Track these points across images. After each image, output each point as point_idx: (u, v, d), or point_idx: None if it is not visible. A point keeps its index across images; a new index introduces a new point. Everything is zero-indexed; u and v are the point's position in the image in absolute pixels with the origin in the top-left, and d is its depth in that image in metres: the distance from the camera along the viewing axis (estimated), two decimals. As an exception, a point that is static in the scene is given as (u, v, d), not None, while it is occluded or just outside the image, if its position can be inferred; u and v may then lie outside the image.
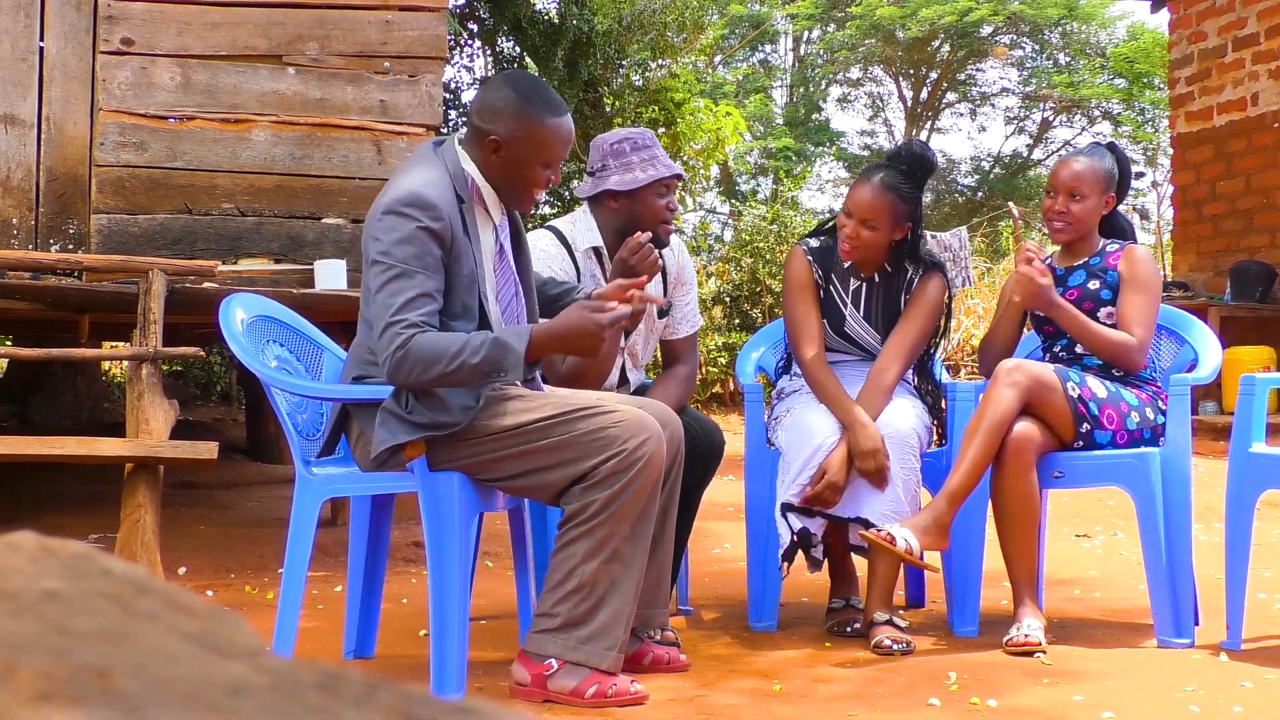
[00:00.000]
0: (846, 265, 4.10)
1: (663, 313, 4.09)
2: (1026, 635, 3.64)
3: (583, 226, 3.95)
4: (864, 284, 4.12)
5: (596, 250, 3.93)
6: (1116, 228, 4.19)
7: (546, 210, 12.28)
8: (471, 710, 0.52)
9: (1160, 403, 3.95)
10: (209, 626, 0.57)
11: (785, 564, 3.91)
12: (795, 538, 3.85)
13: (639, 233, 3.71)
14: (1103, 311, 4.02)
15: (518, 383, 3.13)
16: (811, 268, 4.13)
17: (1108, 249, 4.10)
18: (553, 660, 3.13)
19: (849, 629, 3.89)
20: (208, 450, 4.59)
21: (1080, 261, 4.10)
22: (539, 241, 3.89)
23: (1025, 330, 4.28)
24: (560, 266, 3.86)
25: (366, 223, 3.25)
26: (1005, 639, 3.68)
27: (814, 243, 4.21)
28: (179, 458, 4.59)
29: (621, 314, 3.09)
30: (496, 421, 3.17)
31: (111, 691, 0.45)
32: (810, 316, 4.09)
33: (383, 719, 0.49)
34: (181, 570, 4.91)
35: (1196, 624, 3.86)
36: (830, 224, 4.22)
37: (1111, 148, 4.19)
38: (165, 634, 0.54)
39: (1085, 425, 3.82)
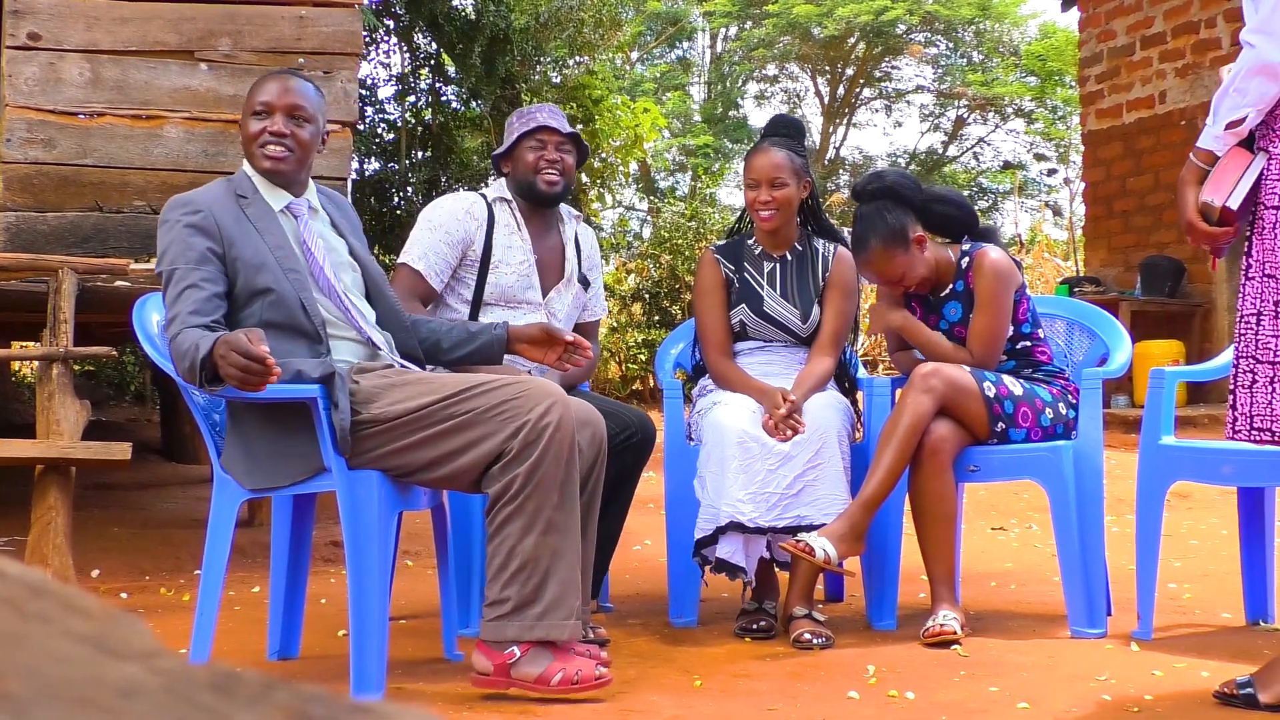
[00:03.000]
0: (758, 251, 4.24)
1: (585, 283, 4.25)
2: (942, 625, 3.68)
3: (495, 186, 4.23)
4: (777, 264, 4.24)
5: (506, 201, 4.18)
6: (952, 225, 4.14)
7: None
8: (368, 709, 0.51)
9: (1071, 397, 4.00)
10: (104, 628, 0.56)
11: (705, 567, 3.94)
12: (714, 570, 3.88)
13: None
14: None
15: (215, 386, 3.09)
16: (720, 268, 4.25)
17: (962, 265, 4.07)
18: (514, 648, 3.11)
19: (754, 627, 3.89)
20: (121, 451, 4.52)
21: (947, 290, 4.10)
22: (461, 201, 4.18)
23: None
24: (459, 211, 4.11)
25: None
26: (922, 630, 3.71)
27: (722, 243, 4.37)
28: (91, 459, 4.52)
29: (241, 387, 3.05)
30: (398, 406, 3.15)
31: (-1, 695, 0.44)
32: (717, 321, 4.20)
33: (278, 718, 0.49)
34: (95, 573, 4.83)
35: (1109, 614, 3.92)
36: (737, 226, 4.40)
37: (871, 192, 4.10)
38: (58, 636, 0.53)
39: (1000, 424, 3.87)
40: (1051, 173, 24.56)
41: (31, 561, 4.29)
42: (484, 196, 4.18)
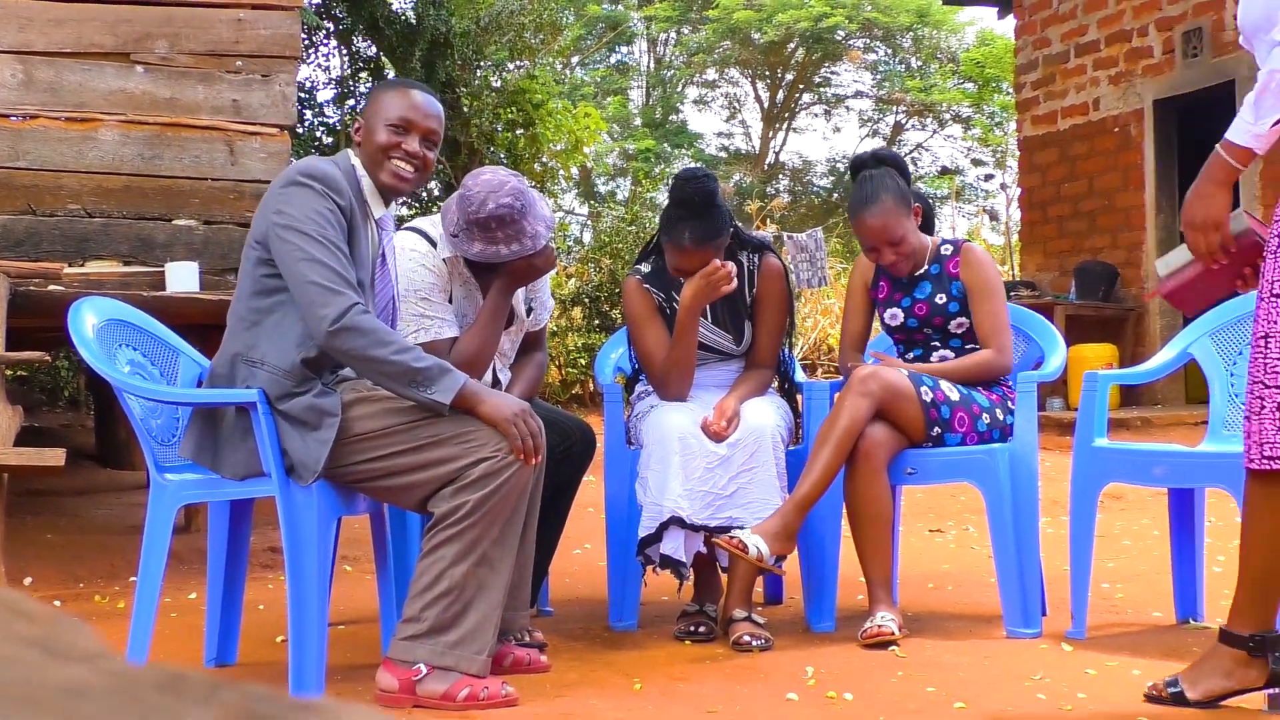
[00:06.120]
0: (683, 280, 4.07)
1: (528, 310, 4.09)
2: (880, 626, 3.71)
3: (445, 233, 3.88)
4: None
5: (457, 258, 3.88)
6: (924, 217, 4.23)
7: (404, 210, 12.18)
8: (314, 706, 0.52)
9: (1010, 403, 4.04)
10: (49, 631, 0.56)
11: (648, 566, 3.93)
12: (658, 567, 3.87)
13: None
14: (953, 323, 4.11)
15: (445, 409, 3.09)
16: (650, 296, 4.17)
17: (942, 252, 4.17)
18: (421, 665, 3.10)
19: (693, 629, 3.91)
20: (54, 456, 4.46)
21: (921, 270, 4.17)
22: (406, 241, 3.85)
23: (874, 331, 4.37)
24: (432, 264, 3.83)
25: (264, 202, 3.23)
26: (860, 631, 3.74)
27: (645, 268, 4.22)
28: (24, 465, 4.46)
29: (515, 446, 3.10)
30: (364, 423, 3.15)
31: (-52, 697, 0.44)
32: (659, 346, 4.11)
33: (225, 717, 0.49)
34: (27, 580, 4.77)
35: (1044, 614, 3.96)
36: (655, 244, 4.22)
37: (879, 160, 4.17)
38: (4, 640, 0.53)
39: (936, 429, 3.91)
40: (988, 178, 24.80)
41: (-37, 569, 4.23)
42: (433, 244, 3.87)
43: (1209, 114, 9.98)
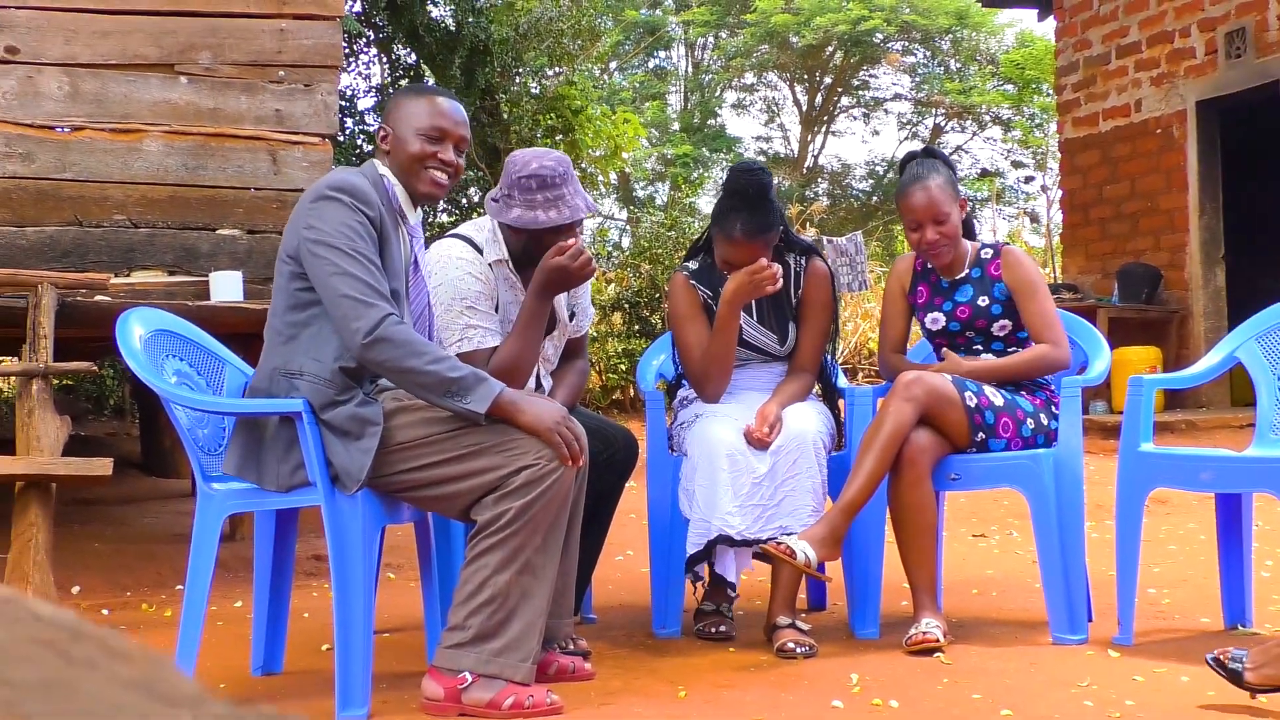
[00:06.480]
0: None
1: (572, 314, 4.10)
2: (925, 633, 3.70)
3: (490, 237, 3.87)
4: None
5: (503, 261, 3.87)
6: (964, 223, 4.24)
7: (444, 218, 12.22)
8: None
9: (1054, 408, 4.02)
10: (150, 673, 0.56)
11: (697, 583, 3.98)
12: (707, 583, 3.90)
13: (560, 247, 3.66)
14: (996, 325, 4.09)
15: (480, 418, 3.10)
16: (697, 293, 4.19)
17: (982, 255, 4.17)
18: (466, 674, 3.12)
19: (714, 630, 3.94)
20: (102, 466, 4.51)
21: (962, 274, 4.16)
22: (452, 249, 3.83)
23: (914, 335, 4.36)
24: (479, 272, 3.81)
25: (294, 217, 3.24)
26: (905, 638, 3.73)
27: (693, 265, 4.25)
28: (72, 475, 4.51)
29: (561, 453, 3.12)
30: (406, 432, 3.16)
31: (66, 743, 0.45)
32: (701, 342, 4.13)
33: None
34: (75, 589, 4.82)
35: (1090, 620, 3.94)
36: (703, 242, 4.25)
37: (930, 153, 4.23)
38: (108, 682, 0.54)
39: (980, 434, 3.89)
40: (1029, 180, 24.64)
41: (12, 579, 4.28)
42: (478, 250, 3.84)
43: (1253, 115, 9.90)
